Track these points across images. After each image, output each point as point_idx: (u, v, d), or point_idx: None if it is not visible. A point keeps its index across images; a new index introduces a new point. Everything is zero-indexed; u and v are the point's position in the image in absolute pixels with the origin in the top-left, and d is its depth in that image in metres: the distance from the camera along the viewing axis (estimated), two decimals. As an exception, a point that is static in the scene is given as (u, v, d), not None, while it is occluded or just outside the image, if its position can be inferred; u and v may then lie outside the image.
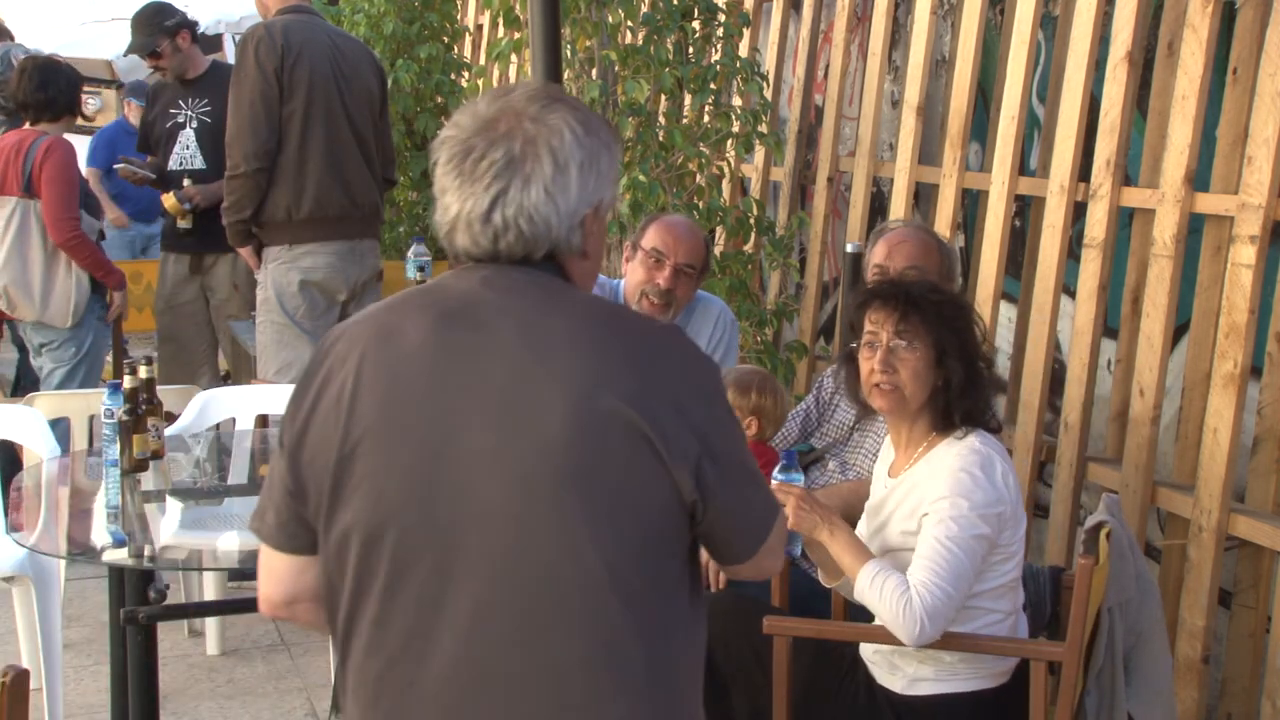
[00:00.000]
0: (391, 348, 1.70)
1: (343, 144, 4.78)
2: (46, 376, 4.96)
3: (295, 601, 1.81)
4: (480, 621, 1.64)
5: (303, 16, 4.80)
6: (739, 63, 4.83)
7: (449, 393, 1.66)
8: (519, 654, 1.64)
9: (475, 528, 1.64)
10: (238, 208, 4.70)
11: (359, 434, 1.67)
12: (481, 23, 7.60)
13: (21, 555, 3.52)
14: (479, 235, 1.70)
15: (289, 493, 1.75)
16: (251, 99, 4.62)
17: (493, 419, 1.64)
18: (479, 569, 1.64)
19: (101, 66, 8.65)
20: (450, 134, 1.73)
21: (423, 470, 1.65)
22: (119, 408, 3.35)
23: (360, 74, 4.86)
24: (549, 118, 1.70)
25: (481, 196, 1.68)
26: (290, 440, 1.75)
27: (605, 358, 1.68)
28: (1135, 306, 3.68)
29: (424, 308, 1.72)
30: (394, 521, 1.66)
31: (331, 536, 1.71)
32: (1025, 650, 2.68)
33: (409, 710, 1.68)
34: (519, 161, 1.68)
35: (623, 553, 1.64)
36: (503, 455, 1.63)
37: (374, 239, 5.00)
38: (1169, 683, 2.83)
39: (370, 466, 1.67)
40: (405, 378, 1.68)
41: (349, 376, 1.70)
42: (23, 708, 1.88)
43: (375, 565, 1.67)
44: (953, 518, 2.56)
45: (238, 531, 3.27)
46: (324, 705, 3.92)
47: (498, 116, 1.70)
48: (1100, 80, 3.78)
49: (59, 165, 4.86)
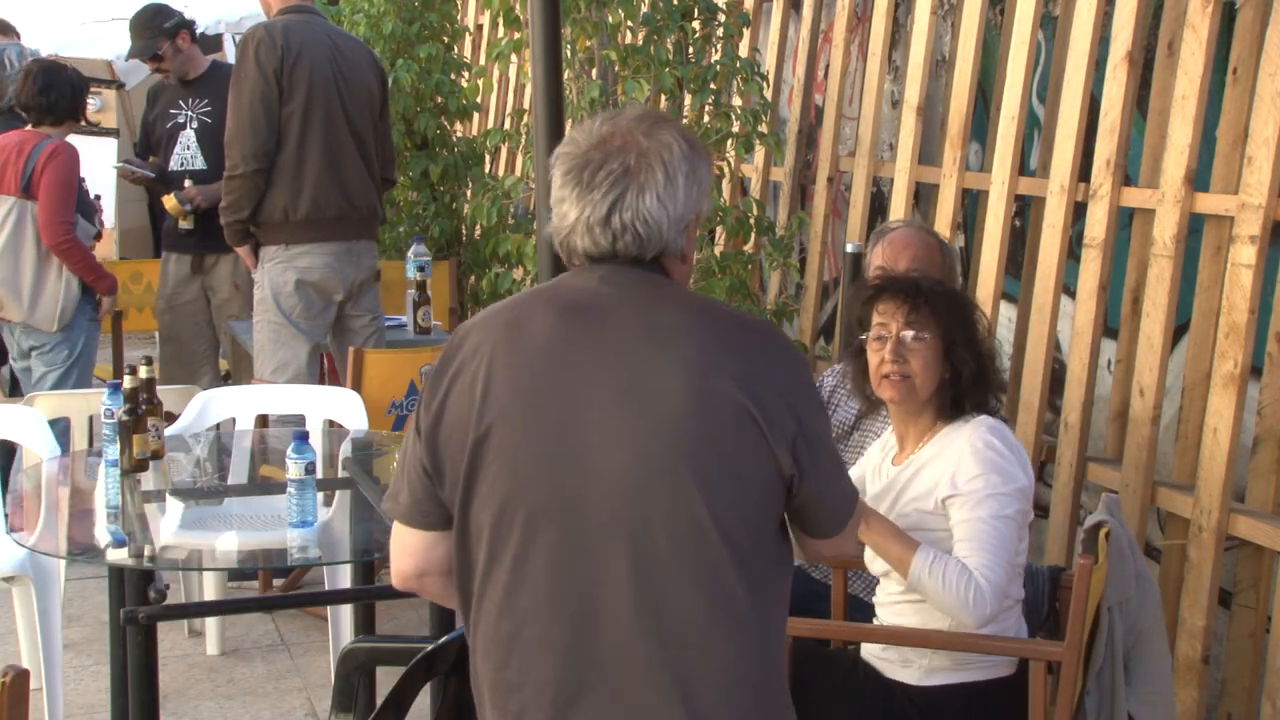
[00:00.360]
0: (520, 338, 1.89)
1: (341, 145, 4.77)
2: (39, 380, 4.94)
3: (425, 574, 2.01)
4: (607, 582, 1.83)
5: (304, 17, 4.79)
6: (739, 63, 4.83)
7: (575, 377, 1.86)
8: (643, 607, 1.83)
9: (601, 498, 1.83)
10: (235, 208, 4.71)
11: (492, 418, 1.86)
12: (481, 23, 7.60)
13: (21, 555, 3.52)
14: (599, 237, 1.90)
15: (425, 474, 1.93)
16: (251, 100, 4.62)
17: (615, 399, 1.84)
18: (605, 535, 1.83)
19: (101, 66, 8.63)
20: (567, 150, 1.94)
21: (552, 448, 1.85)
22: (119, 408, 3.35)
23: (360, 74, 4.86)
24: (659, 134, 1.92)
25: (600, 203, 1.89)
26: (426, 425, 1.92)
27: (714, 346, 1.88)
28: (1135, 306, 3.68)
29: (548, 302, 1.93)
30: (526, 495, 1.85)
31: (469, 512, 1.89)
32: (1025, 650, 2.68)
33: (540, 666, 1.86)
34: (634, 172, 1.89)
35: (732, 517, 1.84)
36: (625, 432, 1.83)
37: (371, 240, 5.00)
38: (1169, 683, 2.83)
39: (504, 447, 1.86)
40: (534, 365, 1.88)
41: (481, 366, 1.89)
42: (23, 708, 1.88)
43: (509, 536, 1.86)
44: (992, 495, 2.59)
45: (238, 531, 3.28)
46: (324, 705, 3.92)
47: (611, 134, 1.92)
48: (1100, 80, 3.78)
49: (60, 169, 4.85)
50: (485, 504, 1.87)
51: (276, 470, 3.47)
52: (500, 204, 5.05)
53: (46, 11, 8.70)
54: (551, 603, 1.85)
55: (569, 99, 4.68)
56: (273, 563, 3.79)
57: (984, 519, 2.59)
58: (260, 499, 3.49)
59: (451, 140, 6.51)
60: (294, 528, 2.99)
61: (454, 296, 6.31)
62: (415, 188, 6.41)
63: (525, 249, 4.88)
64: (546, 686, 1.85)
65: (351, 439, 3.95)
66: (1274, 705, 3.18)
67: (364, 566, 3.68)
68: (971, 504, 2.61)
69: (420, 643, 2.37)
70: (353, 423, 4.06)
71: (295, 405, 4.26)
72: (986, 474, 2.61)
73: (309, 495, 2.98)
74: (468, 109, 6.53)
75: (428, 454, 1.92)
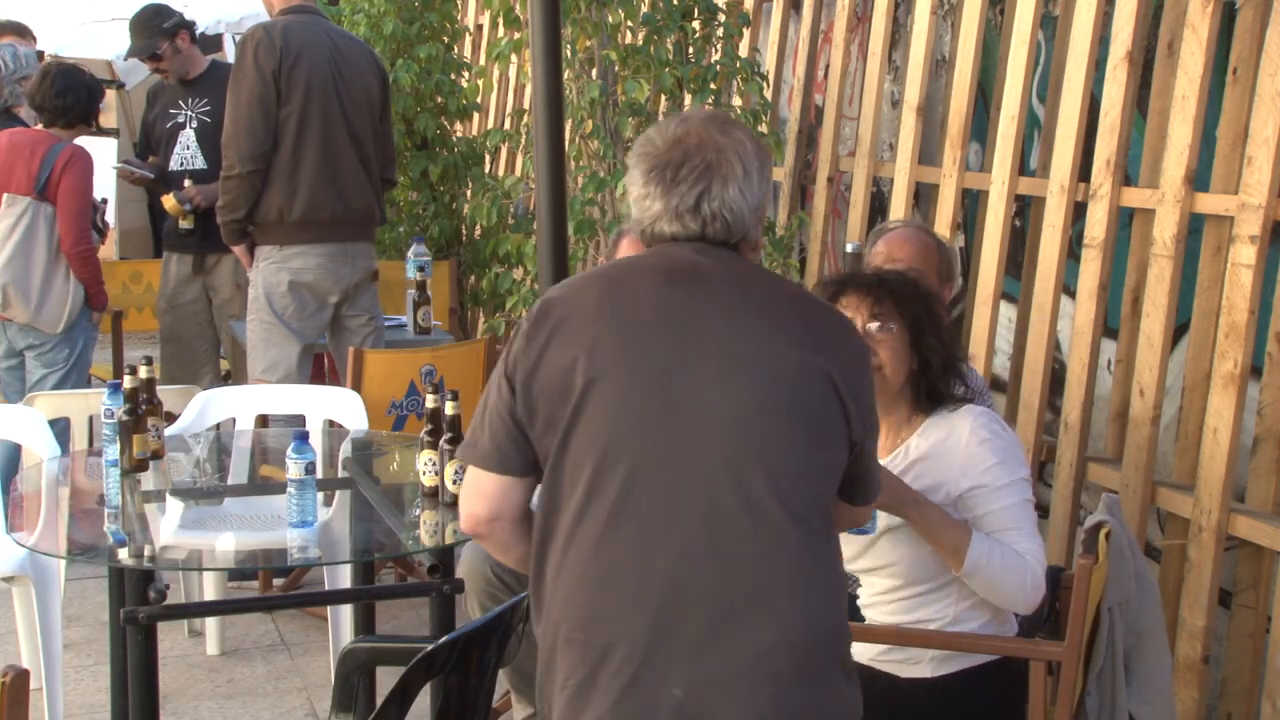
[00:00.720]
0: (627, 297, 2.07)
1: (338, 147, 4.77)
2: (38, 381, 4.94)
3: (497, 519, 2.11)
4: (704, 523, 1.97)
5: (304, 17, 4.79)
6: (739, 63, 4.83)
7: (679, 334, 2.03)
8: (735, 547, 1.98)
9: (703, 448, 1.98)
10: (232, 208, 4.72)
11: (601, 367, 2.00)
12: (481, 23, 7.60)
13: (21, 555, 3.52)
14: (689, 222, 2.09)
15: (513, 420, 2.06)
16: (249, 101, 4.62)
17: (720, 360, 2.01)
18: (705, 480, 1.98)
19: (101, 66, 8.63)
20: (645, 151, 2.12)
21: (659, 399, 2.00)
22: (119, 408, 3.35)
23: (360, 76, 4.86)
24: (732, 133, 2.11)
25: (687, 195, 2.07)
26: (523, 373, 2.05)
27: (806, 321, 2.09)
28: (1135, 306, 3.68)
29: (649, 267, 2.10)
30: (632, 440, 1.99)
31: (567, 454, 2.02)
32: (1025, 650, 2.68)
33: (636, 597, 1.97)
34: (716, 166, 2.07)
35: (815, 475, 2.04)
36: (730, 390, 2.00)
37: (368, 241, 4.99)
38: (1169, 683, 2.83)
39: (611, 395, 2.00)
40: (640, 321, 2.04)
41: (588, 320, 2.04)
42: (23, 708, 1.88)
43: (611, 476, 1.99)
44: (1012, 482, 2.65)
45: (237, 531, 3.28)
46: (324, 705, 3.92)
47: (686, 134, 2.10)
48: (1100, 80, 3.78)
49: (80, 175, 4.89)
50: (588, 447, 2.00)
51: (276, 470, 3.47)
52: (500, 204, 5.05)
53: (46, 11, 8.69)
54: (652, 538, 1.98)
55: (569, 99, 4.68)
56: (273, 563, 3.79)
57: (1014, 505, 2.64)
58: (260, 499, 3.49)
59: (451, 140, 6.51)
60: (294, 528, 2.99)
61: (454, 296, 6.31)
62: (415, 188, 6.41)
63: (525, 249, 4.88)
64: (641, 616, 1.96)
65: (351, 439, 3.95)
66: (1274, 705, 3.18)
67: (364, 566, 3.68)
68: (997, 493, 2.64)
69: (420, 643, 2.37)
70: (353, 423, 4.06)
71: (295, 405, 4.26)
72: (1003, 462, 2.65)
73: (309, 495, 2.98)
74: (468, 109, 6.53)
75: (523, 400, 2.04)
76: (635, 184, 2.12)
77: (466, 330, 6.58)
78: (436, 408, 3.14)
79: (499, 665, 2.42)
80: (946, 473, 2.67)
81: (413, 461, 3.31)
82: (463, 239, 6.56)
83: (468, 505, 2.14)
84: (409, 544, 3.21)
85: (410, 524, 3.23)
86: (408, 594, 4.41)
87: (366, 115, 4.87)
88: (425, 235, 6.23)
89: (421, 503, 3.20)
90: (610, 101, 4.71)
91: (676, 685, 1.95)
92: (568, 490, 2.03)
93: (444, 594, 3.02)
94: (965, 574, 2.63)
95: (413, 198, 6.47)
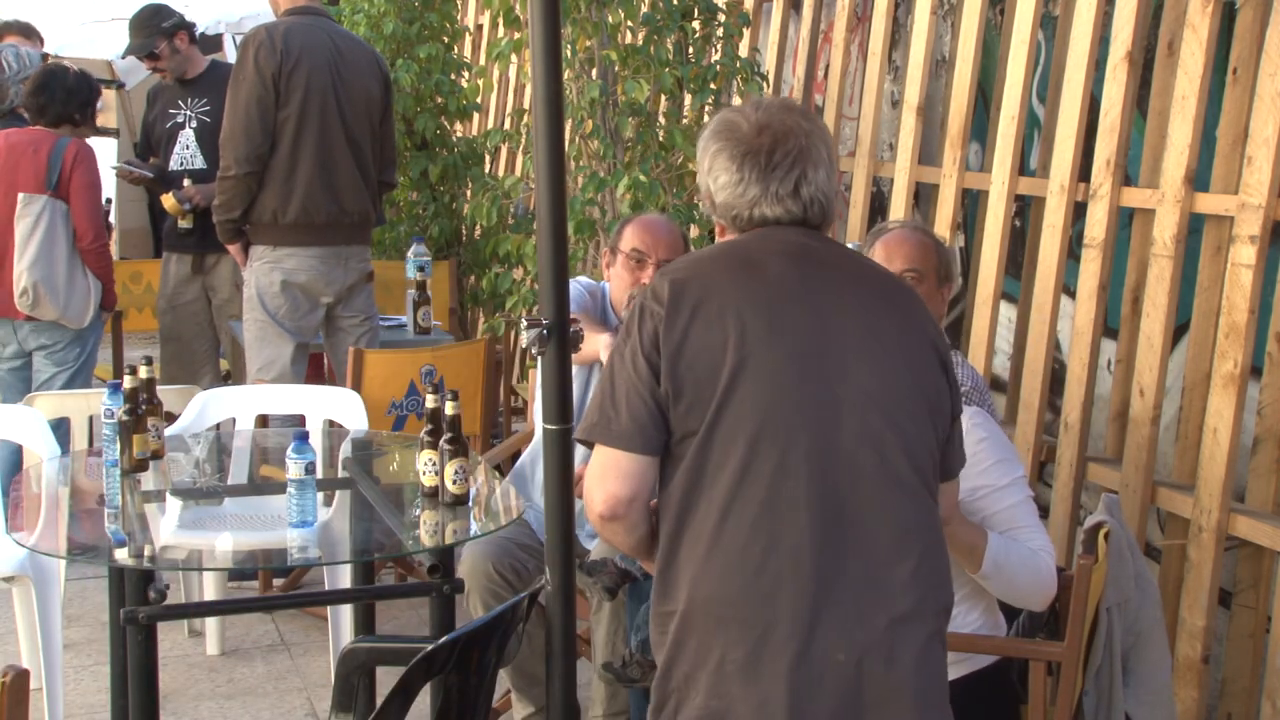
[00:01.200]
0: (760, 278, 2.13)
1: (335, 151, 4.77)
2: (48, 380, 4.94)
3: (635, 499, 2.14)
4: (853, 489, 2.07)
5: (308, 19, 4.79)
6: (739, 63, 4.83)
7: (817, 315, 2.12)
8: (882, 508, 2.08)
9: (847, 425, 2.07)
10: (227, 208, 4.74)
11: (751, 346, 2.07)
12: (481, 23, 7.60)
13: (21, 555, 3.52)
14: (790, 205, 2.17)
15: (655, 400, 2.10)
16: (247, 102, 4.63)
17: (858, 336, 2.12)
18: (852, 448, 2.07)
19: (101, 66, 8.62)
20: (731, 136, 2.19)
21: (806, 379, 2.08)
22: (119, 408, 3.35)
23: (361, 79, 4.85)
24: (815, 120, 2.22)
25: (786, 179, 2.16)
26: (667, 354, 2.09)
27: (904, 297, 2.23)
28: (1135, 306, 3.68)
29: (773, 250, 2.17)
30: (784, 420, 2.06)
31: (716, 433, 2.07)
32: (1025, 650, 2.69)
33: (796, 573, 2.04)
34: (807, 151, 2.17)
35: (934, 441, 2.15)
36: (868, 367, 2.10)
37: (364, 244, 4.99)
38: (1168, 683, 2.83)
39: (761, 372, 2.07)
40: (780, 302, 2.11)
41: (728, 300, 2.11)
42: (23, 708, 1.88)
43: (766, 456, 2.05)
44: (1012, 482, 2.68)
45: (237, 531, 3.28)
46: (324, 705, 3.92)
47: (768, 122, 2.18)
48: (1100, 80, 3.78)
49: (89, 171, 4.90)
50: (741, 425, 2.06)
51: (276, 470, 3.47)
52: (500, 204, 5.05)
53: (46, 11, 8.68)
54: (808, 512, 2.04)
55: (569, 99, 4.68)
56: (273, 563, 3.79)
57: (1020, 503, 2.66)
58: (260, 499, 3.49)
59: (451, 140, 6.51)
60: (294, 528, 2.99)
61: (454, 296, 6.31)
62: (415, 188, 6.41)
63: (525, 249, 4.88)
64: (803, 589, 2.03)
65: (351, 439, 3.95)
66: (1274, 705, 3.18)
67: (364, 566, 3.67)
68: (1001, 492, 2.66)
69: (420, 643, 2.37)
70: (353, 423, 4.06)
71: (295, 405, 4.26)
72: (1001, 461, 2.67)
73: (309, 495, 2.98)
74: (468, 109, 6.53)
75: (668, 379, 2.08)
76: (723, 170, 2.18)
77: (466, 330, 6.58)
78: (436, 408, 3.14)
79: (499, 665, 2.42)
80: None
81: (413, 461, 3.31)
82: (463, 239, 6.56)
83: (607, 487, 2.13)
84: (409, 544, 3.21)
85: (410, 524, 3.23)
86: (408, 594, 4.41)
87: (365, 119, 4.87)
88: (425, 235, 6.22)
89: (421, 503, 3.20)
90: (610, 101, 4.71)
91: (840, 651, 2.02)
92: (715, 469, 2.06)
93: (444, 594, 3.02)
94: (983, 574, 2.63)
95: (413, 198, 6.47)
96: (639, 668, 2.89)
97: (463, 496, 3.13)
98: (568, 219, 3.32)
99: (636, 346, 2.12)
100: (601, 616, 3.41)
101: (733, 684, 2.03)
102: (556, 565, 2.54)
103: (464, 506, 3.15)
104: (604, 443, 2.13)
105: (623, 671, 2.91)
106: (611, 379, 2.14)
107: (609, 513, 2.15)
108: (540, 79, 2.38)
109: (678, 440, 2.10)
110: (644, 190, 4.46)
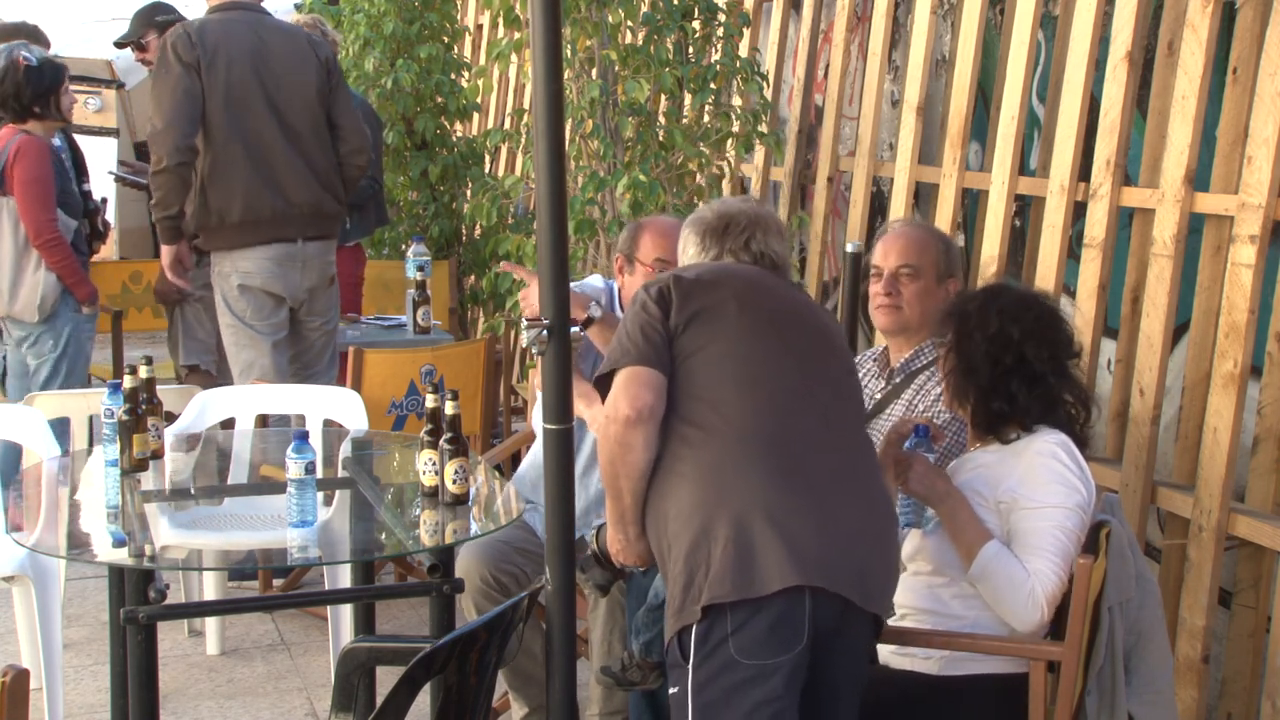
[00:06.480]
0: (741, 270, 2.73)
1: (268, 144, 4.70)
2: (33, 374, 4.95)
3: (655, 409, 2.48)
4: (825, 405, 2.59)
5: (230, 14, 4.73)
6: (739, 63, 4.83)
7: (784, 296, 2.73)
8: (842, 424, 2.61)
9: (804, 360, 2.62)
10: (164, 204, 4.64)
11: (743, 301, 2.61)
12: (481, 23, 7.60)
13: (21, 555, 3.51)
14: (742, 257, 2.77)
15: (665, 329, 2.54)
16: (174, 93, 4.56)
17: (798, 316, 2.70)
18: (818, 391, 2.60)
19: (101, 66, 8.63)
20: (698, 226, 2.82)
21: (782, 319, 2.66)
22: (119, 408, 3.35)
23: (291, 70, 4.75)
24: (763, 206, 2.95)
25: (738, 238, 2.77)
26: (681, 291, 2.58)
27: (829, 315, 3.35)
28: (1135, 306, 3.68)
29: (743, 265, 2.76)
30: (778, 340, 2.62)
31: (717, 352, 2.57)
32: (1025, 650, 2.68)
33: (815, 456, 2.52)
34: (755, 221, 2.79)
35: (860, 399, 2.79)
36: (809, 326, 2.70)
37: (325, 239, 4.88)
38: (1169, 683, 2.83)
39: (756, 317, 2.61)
40: (762, 281, 2.71)
41: (722, 276, 2.68)
42: (23, 708, 1.88)
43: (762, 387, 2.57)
44: (1059, 506, 2.68)
45: (237, 531, 3.28)
46: (324, 705, 3.92)
47: (724, 209, 2.83)
48: (1100, 80, 3.78)
49: (30, 166, 4.83)
50: (742, 348, 2.57)
51: (276, 470, 3.47)
52: (500, 204, 5.05)
53: (46, 11, 8.69)
54: (801, 402, 2.56)
55: (569, 99, 4.68)
56: (273, 563, 3.79)
57: (1046, 528, 2.66)
58: (260, 499, 3.49)
59: (451, 140, 6.51)
60: (294, 528, 2.99)
61: (454, 296, 6.31)
62: (415, 188, 6.41)
63: (525, 249, 4.87)
64: (821, 471, 2.49)
65: (351, 439, 3.95)
66: (1274, 705, 3.18)
67: (364, 566, 3.68)
68: (1034, 512, 2.68)
69: (420, 643, 2.37)
70: (353, 423, 4.06)
71: (295, 405, 4.26)
72: (1052, 484, 2.69)
73: (309, 495, 2.98)
74: (468, 109, 6.54)
75: (679, 310, 2.55)
76: (693, 244, 2.80)
77: (466, 330, 6.59)
78: (436, 407, 3.14)
79: (499, 665, 2.42)
80: (1000, 478, 2.75)
81: (413, 461, 3.31)
82: (463, 239, 6.56)
83: (633, 398, 2.46)
84: (409, 544, 3.21)
85: (410, 524, 3.23)
86: (408, 594, 4.42)
87: (304, 108, 4.77)
88: (425, 235, 6.22)
89: (421, 503, 3.20)
90: (610, 101, 4.71)
91: (844, 539, 2.45)
92: (726, 392, 2.53)
93: (444, 594, 3.02)
94: (971, 576, 2.68)
95: (413, 198, 6.47)
96: (639, 670, 2.89)
97: (463, 496, 3.13)
98: (568, 219, 3.32)
99: (646, 299, 2.58)
100: (598, 616, 3.41)
101: (784, 563, 2.41)
102: (556, 565, 2.54)
103: (464, 506, 3.15)
104: (628, 364, 2.50)
105: (622, 675, 2.90)
106: (625, 327, 2.57)
107: (636, 415, 2.46)
108: (540, 79, 2.38)
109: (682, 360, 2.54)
110: (644, 190, 4.46)
